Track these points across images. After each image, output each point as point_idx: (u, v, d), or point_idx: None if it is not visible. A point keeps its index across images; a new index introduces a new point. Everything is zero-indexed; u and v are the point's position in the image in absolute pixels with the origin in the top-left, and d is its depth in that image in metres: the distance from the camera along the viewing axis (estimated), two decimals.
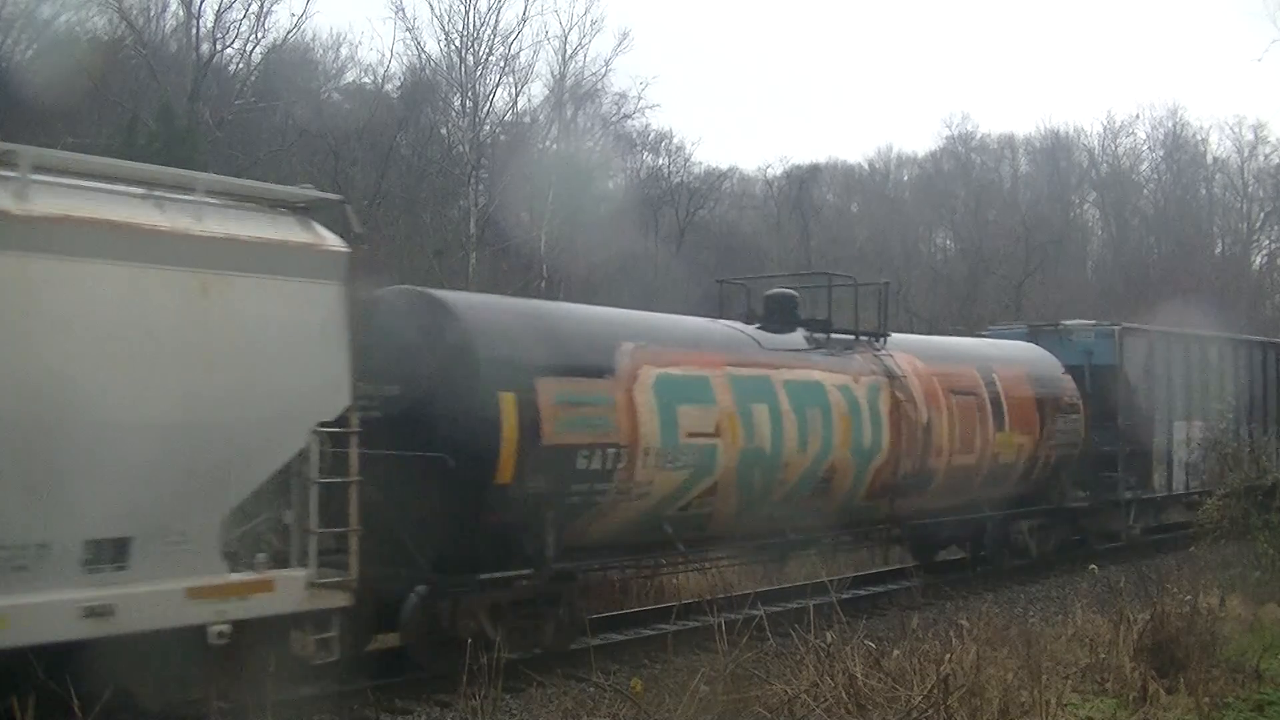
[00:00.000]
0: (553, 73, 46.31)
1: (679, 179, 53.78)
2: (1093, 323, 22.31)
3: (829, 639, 9.42)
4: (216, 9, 35.10)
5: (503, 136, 43.41)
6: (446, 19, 42.04)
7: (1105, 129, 70.49)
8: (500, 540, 11.84)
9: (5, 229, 8.12)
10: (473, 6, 40.88)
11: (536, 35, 68.65)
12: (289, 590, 9.52)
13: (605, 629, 14.35)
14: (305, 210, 10.18)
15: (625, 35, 69.76)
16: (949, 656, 9.39)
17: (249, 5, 35.56)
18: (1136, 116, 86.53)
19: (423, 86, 43.75)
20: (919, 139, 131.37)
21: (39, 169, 8.55)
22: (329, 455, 9.80)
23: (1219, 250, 61.73)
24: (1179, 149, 66.61)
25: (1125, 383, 21.05)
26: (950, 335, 24.51)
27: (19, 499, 8.11)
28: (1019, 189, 68.53)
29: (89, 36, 34.02)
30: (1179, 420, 22.17)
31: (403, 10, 55.57)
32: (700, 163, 59.69)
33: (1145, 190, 66.87)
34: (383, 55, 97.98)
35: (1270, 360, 25.46)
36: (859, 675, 8.90)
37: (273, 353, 9.44)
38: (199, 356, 8.99)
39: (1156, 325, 23.86)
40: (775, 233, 57.13)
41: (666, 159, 54.80)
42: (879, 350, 16.57)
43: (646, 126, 52.45)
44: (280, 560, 9.62)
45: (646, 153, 54.58)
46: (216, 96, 34.62)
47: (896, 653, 9.83)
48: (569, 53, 45.40)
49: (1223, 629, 12.40)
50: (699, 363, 13.72)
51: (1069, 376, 19.95)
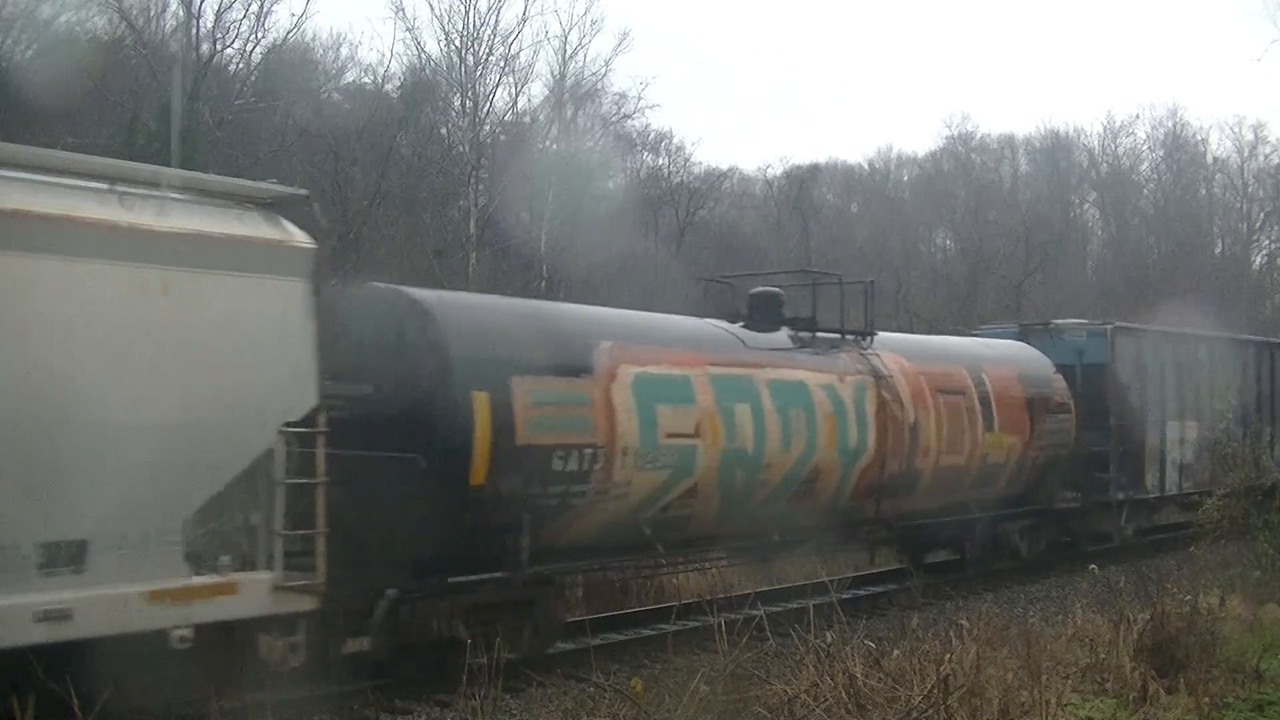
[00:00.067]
0: (553, 73, 46.33)
1: (679, 179, 53.84)
2: (1084, 322, 22.20)
3: (829, 639, 9.42)
4: (216, 9, 35.05)
5: (503, 136, 43.37)
6: (446, 19, 42.04)
7: (1105, 129, 70.59)
8: (474, 543, 11.66)
9: None
10: (473, 6, 40.89)
11: (536, 35, 68.92)
12: (253, 593, 9.38)
13: (605, 629, 14.31)
14: (272, 206, 10.05)
15: (625, 35, 70.05)
16: (949, 656, 9.39)
17: (249, 5, 35.51)
18: (1136, 116, 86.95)
19: (423, 86, 43.70)
20: (919, 139, 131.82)
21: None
22: (296, 456, 9.67)
23: (1219, 250, 61.57)
24: (1179, 149, 66.50)
25: (1117, 382, 20.90)
26: (949, 335, 24.30)
27: None
28: (1019, 189, 68.48)
29: (89, 36, 34.00)
30: (1172, 420, 22.02)
31: (403, 10, 55.82)
32: (700, 163, 59.91)
33: (1145, 190, 66.77)
34: (383, 55, 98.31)
35: (1265, 360, 25.29)
36: (859, 675, 8.90)
37: (237, 351, 9.30)
38: (160, 354, 8.85)
39: (1148, 324, 23.72)
40: (775, 233, 57.07)
41: (666, 159, 54.92)
42: (865, 349, 16.38)
43: (646, 126, 52.55)
44: (249, 563, 9.49)
45: (646, 153, 54.69)
46: (216, 96, 34.51)
47: (896, 653, 9.81)
48: (569, 53, 45.42)
49: (1223, 629, 12.38)
50: (679, 362, 13.56)
51: (1060, 376, 19.78)
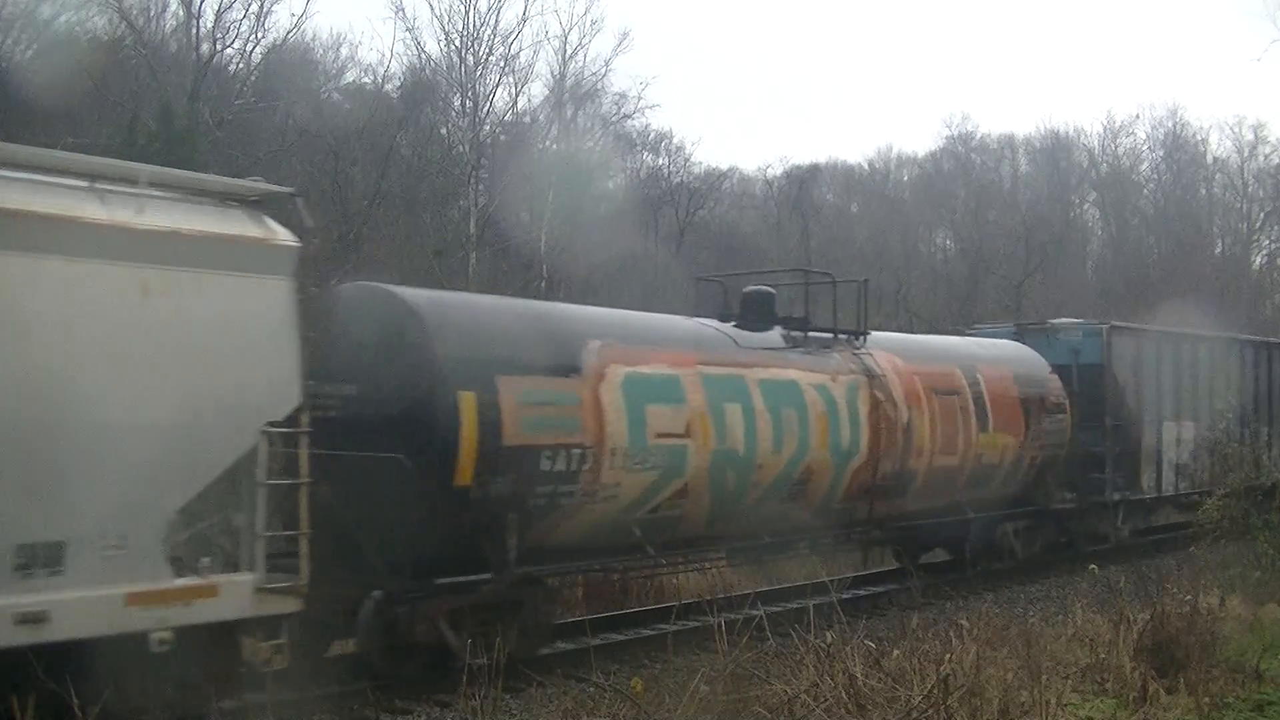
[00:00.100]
0: (553, 73, 46.39)
1: (679, 179, 53.84)
2: (1080, 321, 22.07)
3: (829, 639, 9.40)
4: (216, 9, 35.09)
5: (503, 136, 43.41)
6: (446, 19, 42.18)
7: (1105, 129, 70.73)
8: (460, 544, 11.57)
9: None
10: (473, 6, 40.97)
11: (536, 35, 69.17)
12: (235, 596, 9.28)
13: (605, 629, 14.27)
14: (256, 204, 9.95)
15: (625, 35, 70.35)
16: (949, 656, 9.37)
17: (249, 5, 35.53)
18: (1136, 116, 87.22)
19: (423, 86, 43.72)
20: (919, 139, 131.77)
21: None
22: (279, 456, 9.60)
23: (1219, 250, 61.58)
24: (1179, 149, 66.51)
25: (1113, 382, 20.78)
26: (950, 335, 24.19)
27: None
28: (1019, 189, 68.51)
29: (89, 36, 33.94)
30: (1169, 420, 21.89)
31: (403, 10, 56.05)
32: (700, 163, 59.99)
33: (1145, 190, 66.78)
34: (383, 55, 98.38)
35: (1264, 360, 25.18)
36: (859, 675, 8.88)
37: (219, 350, 9.20)
38: (138, 353, 8.76)
39: (1145, 324, 23.60)
40: (775, 233, 57.03)
41: (666, 159, 54.91)
42: (858, 349, 16.28)
43: (646, 126, 52.60)
44: (231, 564, 9.40)
45: (646, 153, 54.72)
46: (216, 96, 34.48)
47: (896, 653, 9.78)
48: (569, 53, 45.50)
49: (1223, 629, 12.34)
50: (669, 361, 13.47)
51: (1055, 376, 19.65)
